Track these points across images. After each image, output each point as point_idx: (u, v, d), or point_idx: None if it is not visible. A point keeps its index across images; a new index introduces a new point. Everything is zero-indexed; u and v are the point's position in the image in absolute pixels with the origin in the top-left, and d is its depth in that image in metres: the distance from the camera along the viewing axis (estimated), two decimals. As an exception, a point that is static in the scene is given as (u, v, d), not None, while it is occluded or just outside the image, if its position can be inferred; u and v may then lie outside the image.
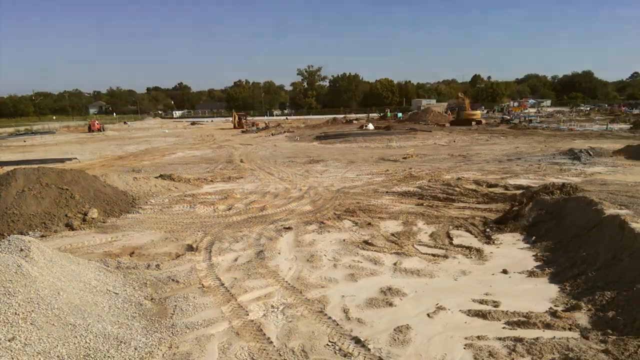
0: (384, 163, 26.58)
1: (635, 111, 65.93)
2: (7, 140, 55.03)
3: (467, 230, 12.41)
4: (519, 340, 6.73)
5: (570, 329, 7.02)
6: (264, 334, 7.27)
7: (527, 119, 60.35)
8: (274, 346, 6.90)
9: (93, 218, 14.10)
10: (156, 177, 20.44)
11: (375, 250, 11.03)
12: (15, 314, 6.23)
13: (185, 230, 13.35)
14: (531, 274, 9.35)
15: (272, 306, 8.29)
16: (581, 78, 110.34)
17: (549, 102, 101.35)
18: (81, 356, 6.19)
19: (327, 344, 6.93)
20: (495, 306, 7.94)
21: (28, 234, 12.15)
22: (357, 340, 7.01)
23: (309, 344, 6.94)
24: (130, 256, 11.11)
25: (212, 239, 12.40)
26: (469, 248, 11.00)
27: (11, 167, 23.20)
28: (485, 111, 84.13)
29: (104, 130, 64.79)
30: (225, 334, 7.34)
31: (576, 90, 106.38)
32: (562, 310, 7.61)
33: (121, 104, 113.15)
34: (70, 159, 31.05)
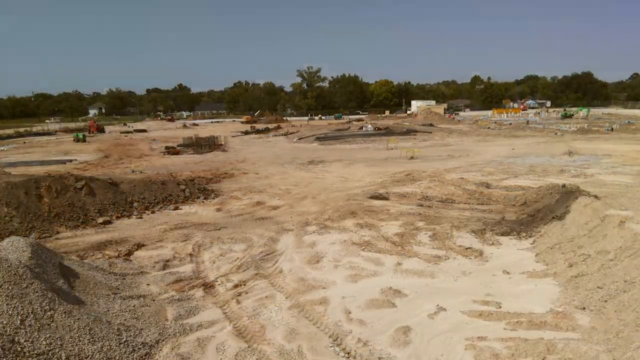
0: (384, 164, 26.54)
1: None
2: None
3: (467, 231, 12.43)
4: (520, 341, 6.75)
5: (571, 330, 7.04)
6: (265, 335, 7.29)
7: (527, 121, 60.26)
8: (275, 347, 6.92)
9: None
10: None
11: (376, 251, 11.05)
12: (15, 314, 6.23)
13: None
14: (531, 274, 9.36)
15: (273, 307, 8.30)
16: (581, 79, 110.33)
17: (549, 103, 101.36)
18: (81, 356, 6.20)
19: (328, 345, 6.95)
20: (495, 307, 7.95)
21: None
22: (358, 341, 7.03)
23: (310, 344, 6.95)
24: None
25: (213, 238, 12.44)
26: (469, 249, 11.02)
27: (13, 169, 23.24)
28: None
29: (103, 131, 64.56)
30: (226, 334, 7.36)
31: (576, 91, 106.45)
32: (563, 311, 7.63)
33: (121, 105, 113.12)
34: (70, 160, 31.09)
